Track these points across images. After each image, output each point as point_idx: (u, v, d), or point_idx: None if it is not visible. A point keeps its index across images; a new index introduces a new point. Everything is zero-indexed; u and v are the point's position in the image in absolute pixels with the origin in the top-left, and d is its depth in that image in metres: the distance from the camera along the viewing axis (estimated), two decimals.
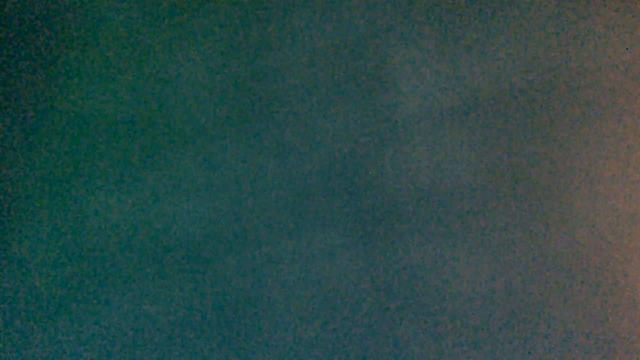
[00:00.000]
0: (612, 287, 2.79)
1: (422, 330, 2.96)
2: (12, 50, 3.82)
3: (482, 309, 2.91)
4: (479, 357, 2.88)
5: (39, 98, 3.71)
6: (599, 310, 2.79)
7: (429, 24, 3.16)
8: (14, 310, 3.53)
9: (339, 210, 3.15)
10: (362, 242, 3.10)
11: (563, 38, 2.99)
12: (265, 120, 3.33)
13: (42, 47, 3.76)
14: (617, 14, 2.94)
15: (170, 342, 3.28)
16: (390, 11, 3.23)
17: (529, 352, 2.84)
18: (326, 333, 3.08)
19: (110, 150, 3.54)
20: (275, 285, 3.18)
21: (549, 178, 2.93)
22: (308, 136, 3.26)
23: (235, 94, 3.40)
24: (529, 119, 2.98)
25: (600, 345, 2.77)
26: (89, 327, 3.40)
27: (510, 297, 2.89)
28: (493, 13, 3.09)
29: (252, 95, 3.37)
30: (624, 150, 2.87)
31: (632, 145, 2.86)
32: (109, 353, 3.35)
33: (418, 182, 3.07)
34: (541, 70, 3.00)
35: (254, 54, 3.40)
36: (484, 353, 2.88)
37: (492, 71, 3.06)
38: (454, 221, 3.00)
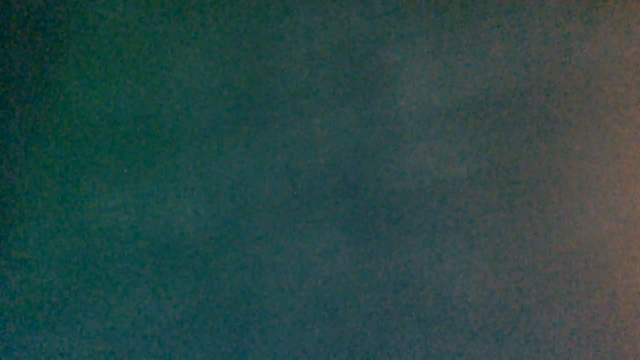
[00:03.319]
0: (612, 286, 2.79)
1: (421, 329, 2.96)
2: (12, 50, 3.82)
3: (481, 308, 2.91)
4: (478, 357, 2.88)
5: (39, 98, 3.71)
6: (598, 310, 2.79)
7: (428, 24, 3.16)
8: (14, 310, 3.53)
9: (339, 209, 3.15)
10: (362, 242, 3.10)
11: (562, 38, 2.99)
12: (265, 120, 3.33)
13: (42, 47, 3.76)
14: (617, 14, 2.94)
15: (170, 342, 3.28)
16: (390, 11, 3.23)
17: (529, 352, 2.84)
18: (326, 333, 3.08)
19: (110, 150, 3.54)
20: (275, 285, 3.18)
21: (548, 178, 2.93)
22: (308, 136, 3.26)
23: (235, 94, 3.40)
24: (528, 119, 2.98)
25: (601, 345, 2.77)
26: (89, 327, 3.40)
27: (509, 297, 2.89)
28: (493, 13, 3.09)
29: (252, 95, 3.37)
30: (624, 150, 2.87)
31: (632, 145, 2.86)
32: (109, 353, 3.35)
33: (418, 181, 3.07)
34: (541, 71, 3.00)
35: (254, 54, 3.40)
36: (483, 352, 2.88)
37: (491, 71, 3.06)
38: (453, 221, 3.00)
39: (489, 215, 2.96)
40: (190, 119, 3.44)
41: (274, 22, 3.40)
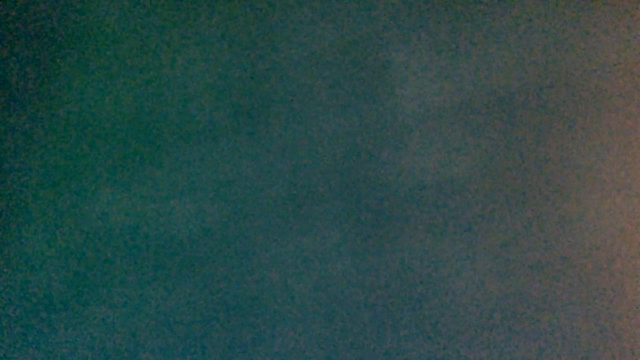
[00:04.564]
0: (612, 286, 2.79)
1: (421, 329, 2.96)
2: (12, 50, 3.82)
3: (481, 308, 2.91)
4: (478, 357, 2.88)
5: (39, 98, 3.71)
6: (599, 310, 2.79)
7: (429, 24, 3.17)
8: (14, 310, 3.53)
9: (338, 210, 3.15)
10: (362, 242, 3.10)
11: (562, 38, 3.00)
12: (265, 120, 3.33)
13: (42, 47, 3.76)
14: (617, 14, 2.94)
15: (170, 342, 3.28)
16: (390, 11, 3.23)
17: (529, 352, 2.84)
18: (326, 333, 3.08)
19: (110, 150, 3.54)
20: (275, 285, 3.18)
21: (548, 178, 2.93)
22: (308, 136, 3.26)
23: (236, 94, 3.40)
24: (528, 118, 2.99)
25: (601, 345, 2.77)
26: (89, 326, 3.40)
27: (509, 297, 2.89)
28: (492, 13, 3.09)
29: (252, 95, 3.37)
30: (624, 150, 2.87)
31: (632, 145, 2.86)
32: (109, 353, 3.35)
33: (418, 182, 3.07)
34: (540, 70, 3.00)
35: (255, 54, 3.40)
36: (483, 353, 2.88)
37: (491, 71, 3.06)
38: (453, 221, 3.00)
39: (489, 215, 2.96)
40: (189, 119, 3.44)
41: (274, 22, 3.40)
